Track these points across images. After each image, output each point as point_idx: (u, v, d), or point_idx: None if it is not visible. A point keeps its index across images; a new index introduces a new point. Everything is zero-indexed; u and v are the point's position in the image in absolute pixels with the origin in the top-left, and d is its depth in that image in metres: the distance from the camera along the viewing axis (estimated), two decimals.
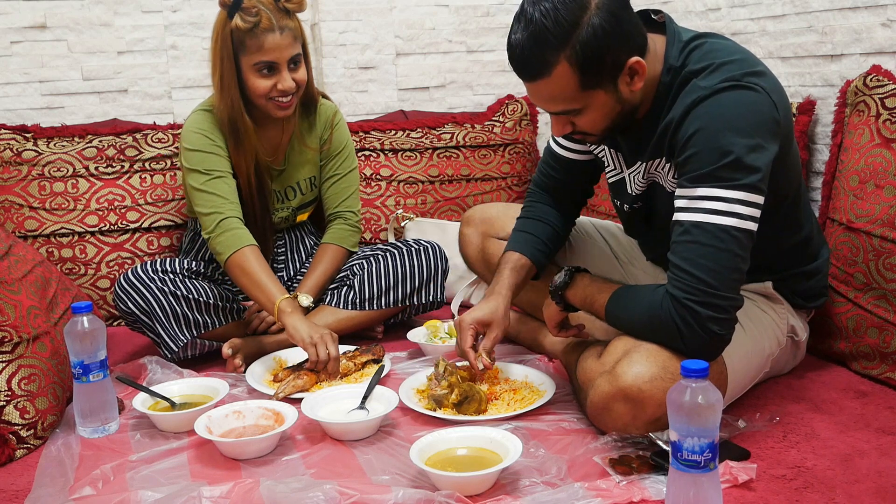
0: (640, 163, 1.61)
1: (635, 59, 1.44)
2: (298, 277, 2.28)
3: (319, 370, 1.83)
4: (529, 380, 1.80)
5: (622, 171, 1.69)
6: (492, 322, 1.71)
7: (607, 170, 1.73)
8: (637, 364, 1.42)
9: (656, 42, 1.52)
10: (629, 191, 1.67)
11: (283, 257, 2.29)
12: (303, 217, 2.31)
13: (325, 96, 2.27)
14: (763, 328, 1.63)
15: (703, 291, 1.38)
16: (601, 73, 1.43)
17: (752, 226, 1.40)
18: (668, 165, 1.54)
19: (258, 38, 1.94)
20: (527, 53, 1.42)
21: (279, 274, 2.28)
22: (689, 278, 1.39)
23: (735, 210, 1.38)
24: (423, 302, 2.22)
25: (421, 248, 2.21)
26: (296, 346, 2.01)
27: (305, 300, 2.10)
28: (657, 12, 1.56)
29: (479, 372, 1.73)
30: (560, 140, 1.82)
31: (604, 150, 1.72)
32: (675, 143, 1.47)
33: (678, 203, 1.43)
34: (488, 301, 1.74)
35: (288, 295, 1.91)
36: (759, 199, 1.40)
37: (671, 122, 1.47)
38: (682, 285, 1.40)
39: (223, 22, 1.97)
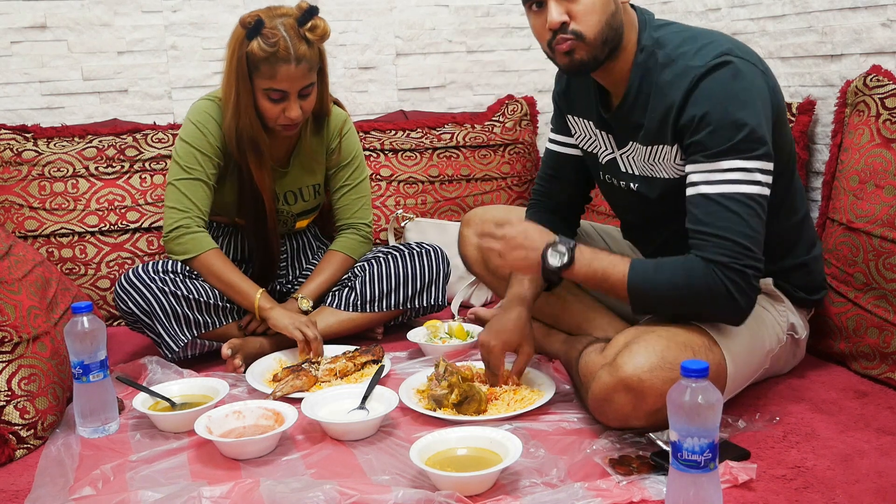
0: (631, 143, 1.65)
1: None
2: (301, 280, 2.28)
3: (310, 352, 1.92)
4: (529, 380, 1.80)
5: (614, 152, 1.72)
6: (521, 342, 1.74)
7: (599, 151, 1.75)
8: (637, 355, 1.44)
9: (632, 16, 1.59)
10: (623, 169, 1.71)
11: (283, 262, 2.29)
12: (302, 224, 2.29)
13: (337, 103, 2.24)
14: (763, 324, 1.64)
15: (745, 255, 1.46)
16: None
17: (768, 192, 1.50)
18: (672, 149, 1.57)
19: (272, 67, 1.92)
20: None
21: (279, 279, 2.28)
22: (731, 244, 1.45)
23: (756, 178, 1.47)
24: (425, 305, 2.21)
25: (423, 251, 2.20)
26: (294, 346, 2.02)
27: (305, 304, 2.10)
28: None
29: (499, 383, 1.76)
30: (553, 136, 1.88)
31: (594, 137, 1.75)
32: (683, 127, 1.52)
33: (697, 178, 1.50)
34: (510, 313, 1.74)
35: (262, 290, 2.02)
36: (772, 167, 1.49)
37: (671, 108, 1.52)
38: (726, 251, 1.45)
39: (240, 41, 1.94)
